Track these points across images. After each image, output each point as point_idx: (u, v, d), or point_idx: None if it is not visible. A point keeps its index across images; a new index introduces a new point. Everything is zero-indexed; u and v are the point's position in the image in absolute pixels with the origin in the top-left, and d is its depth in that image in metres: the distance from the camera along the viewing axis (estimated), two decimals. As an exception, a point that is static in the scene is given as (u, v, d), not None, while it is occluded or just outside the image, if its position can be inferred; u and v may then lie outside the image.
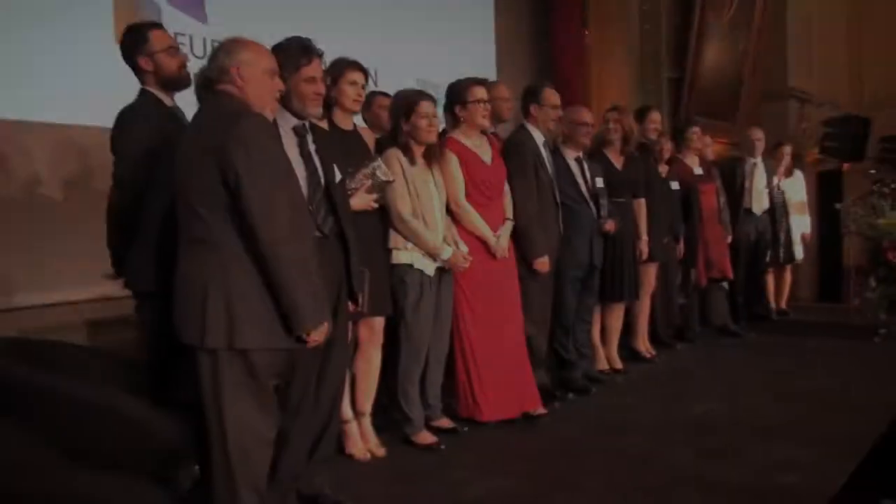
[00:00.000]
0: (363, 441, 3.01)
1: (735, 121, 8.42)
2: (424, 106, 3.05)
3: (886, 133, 7.96)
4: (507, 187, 3.45)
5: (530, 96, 3.67)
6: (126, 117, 2.54)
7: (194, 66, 4.58)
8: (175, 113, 2.63)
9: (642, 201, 4.41)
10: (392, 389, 3.18)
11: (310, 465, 2.43)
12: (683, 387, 4.01)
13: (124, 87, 2.65)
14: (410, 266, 3.04)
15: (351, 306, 2.53)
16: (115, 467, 1.72)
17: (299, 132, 2.35)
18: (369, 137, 3.14)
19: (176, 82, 2.60)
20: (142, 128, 2.48)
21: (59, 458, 1.62)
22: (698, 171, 5.11)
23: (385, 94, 4.02)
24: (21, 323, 3.33)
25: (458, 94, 3.30)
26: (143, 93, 2.60)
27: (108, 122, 4.01)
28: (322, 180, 2.35)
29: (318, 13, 5.04)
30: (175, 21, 4.48)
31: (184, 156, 2.00)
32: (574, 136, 3.89)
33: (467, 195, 3.26)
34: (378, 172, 2.84)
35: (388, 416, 3.25)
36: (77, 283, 3.94)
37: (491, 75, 6.71)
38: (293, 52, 2.34)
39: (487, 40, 6.81)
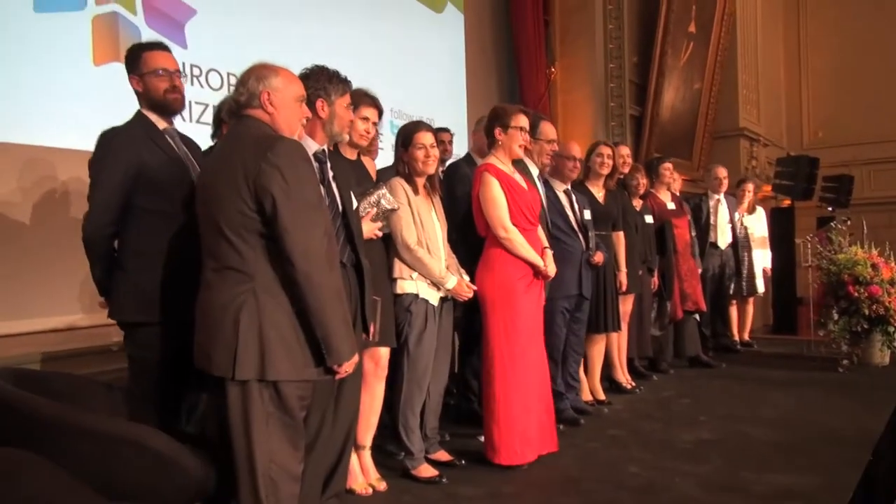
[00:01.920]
0: (364, 475, 2.93)
1: (691, 158, 8.76)
2: (421, 137, 3.06)
3: (826, 173, 8.41)
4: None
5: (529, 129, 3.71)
6: (107, 139, 2.44)
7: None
8: (170, 136, 2.55)
9: (621, 234, 4.51)
10: (392, 422, 3.12)
11: (322, 501, 2.35)
12: (669, 417, 4.06)
13: (103, 110, 2.59)
14: (416, 296, 3.01)
15: (363, 336, 2.48)
16: (142, 501, 1.62)
17: (319, 158, 2.33)
18: (371, 167, 3.13)
19: (163, 106, 2.52)
20: (118, 155, 2.39)
21: (87, 491, 1.51)
22: (671, 205, 5.27)
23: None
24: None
25: (500, 117, 3.26)
26: (136, 114, 2.54)
27: (85, 144, 3.91)
28: (340, 208, 2.32)
29: (293, 41, 5.05)
30: (154, 45, 4.40)
31: (211, 181, 1.94)
32: (562, 170, 3.96)
33: (511, 220, 3.18)
34: (383, 201, 2.82)
35: (382, 448, 3.19)
36: (50, 313, 3.78)
37: (461, 109, 6.86)
38: (337, 79, 2.38)
39: (458, 75, 6.92)
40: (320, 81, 2.36)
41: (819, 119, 10.94)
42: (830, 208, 8.17)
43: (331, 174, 2.38)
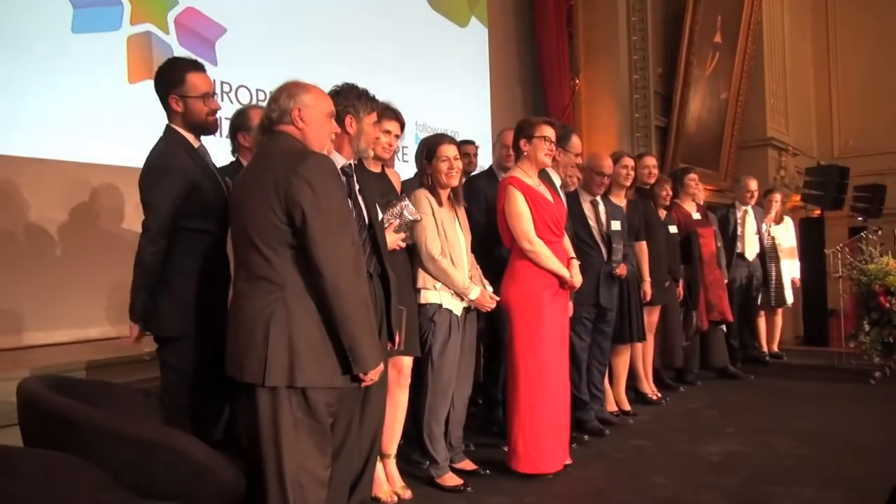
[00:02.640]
0: (389, 483, 2.97)
1: (717, 168, 8.71)
2: (444, 149, 3.11)
3: (857, 182, 8.30)
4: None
5: (557, 141, 3.72)
6: (157, 164, 2.43)
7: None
8: (203, 154, 2.59)
9: (643, 244, 4.51)
10: (416, 431, 3.15)
11: (349, 508, 2.39)
12: (695, 428, 4.04)
13: (137, 127, 2.65)
14: (439, 306, 3.05)
15: (388, 345, 2.53)
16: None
17: (346, 172, 2.39)
18: (395, 179, 3.19)
19: (202, 128, 2.56)
20: (173, 179, 2.40)
21: (125, 493, 1.57)
22: (696, 215, 5.25)
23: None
24: (30, 362, 3.28)
25: (524, 129, 3.28)
26: (169, 130, 2.54)
27: (120, 160, 4.03)
28: (367, 220, 2.38)
29: (320, 57, 5.15)
30: (187, 63, 4.54)
31: (244, 194, 2.01)
32: (590, 185, 3.98)
33: (536, 233, 3.20)
34: (406, 212, 2.87)
35: (408, 457, 3.23)
36: (84, 323, 3.90)
37: (486, 122, 6.91)
38: (366, 97, 2.45)
39: (483, 88, 6.99)
40: (350, 98, 2.43)
41: (850, 127, 10.80)
42: (862, 218, 8.04)
43: (357, 187, 2.44)
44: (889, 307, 5.09)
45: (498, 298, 3.19)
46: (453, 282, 3.05)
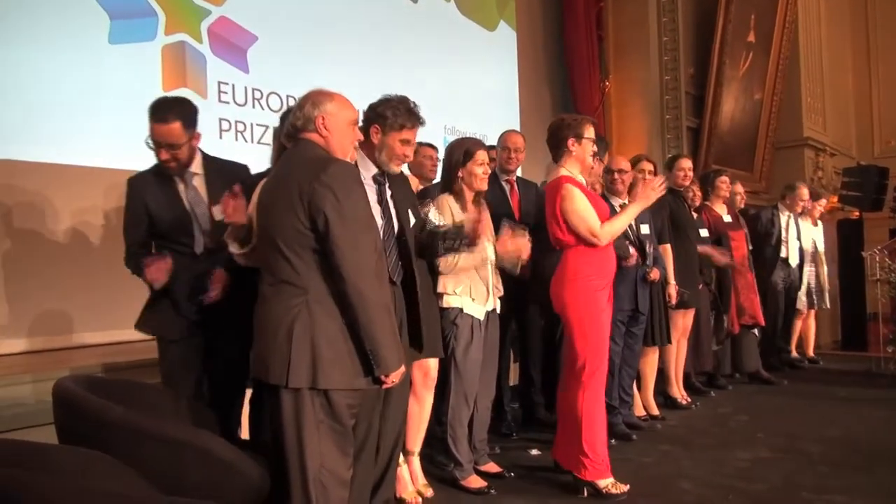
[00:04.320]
0: (413, 481, 3.00)
1: (752, 169, 8.57)
2: (481, 154, 3.12)
3: (898, 183, 8.10)
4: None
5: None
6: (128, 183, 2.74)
7: (235, 114, 4.82)
8: (183, 181, 2.67)
9: (668, 247, 4.45)
10: (440, 432, 3.18)
11: (372, 508, 2.43)
12: (725, 434, 3.99)
13: None
14: (461, 310, 3.07)
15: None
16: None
17: (378, 180, 2.43)
18: (414, 183, 3.21)
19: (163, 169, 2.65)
20: (132, 200, 2.69)
21: (152, 490, 1.63)
22: (727, 218, 5.18)
23: (430, 145, 4.13)
24: (68, 363, 3.39)
25: (573, 127, 3.14)
26: None
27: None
28: (396, 228, 2.41)
29: (350, 64, 5.22)
30: (219, 70, 4.65)
31: (269, 200, 2.06)
32: (611, 186, 3.97)
33: None
34: (431, 216, 2.90)
35: (433, 459, 3.26)
36: (121, 325, 4.01)
37: (514, 124, 6.91)
38: (401, 112, 2.46)
39: (511, 91, 7.00)
40: (382, 109, 2.46)
41: (891, 126, 10.53)
42: (902, 219, 7.86)
43: (388, 193, 2.48)
44: (928, 311, 4.96)
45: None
46: (473, 260, 3.02)
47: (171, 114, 2.53)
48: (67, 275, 3.87)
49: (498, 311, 3.21)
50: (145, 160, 2.74)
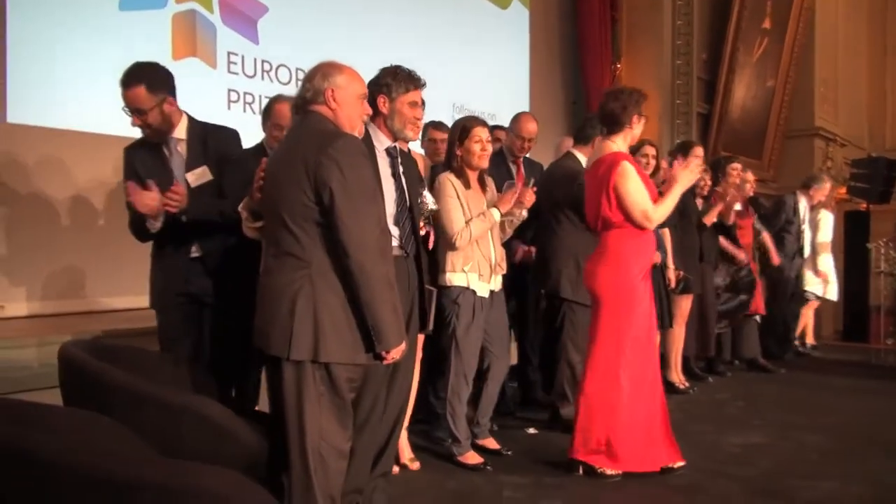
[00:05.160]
0: (399, 454, 3.05)
1: (761, 157, 8.52)
2: (478, 131, 3.10)
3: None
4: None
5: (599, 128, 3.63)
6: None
7: (244, 85, 4.80)
8: (168, 146, 2.68)
9: (667, 231, 4.44)
10: (440, 408, 3.23)
11: (370, 480, 2.47)
12: (719, 419, 4.02)
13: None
14: (464, 288, 3.09)
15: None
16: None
17: (391, 153, 2.44)
18: (420, 161, 3.22)
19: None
20: (126, 166, 2.70)
21: (153, 452, 1.67)
22: (736, 206, 5.17)
23: (441, 126, 4.11)
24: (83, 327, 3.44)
25: (638, 103, 3.00)
26: None
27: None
28: (408, 201, 2.43)
29: (360, 38, 5.20)
30: (229, 41, 4.64)
31: (275, 172, 2.06)
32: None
33: None
34: (427, 200, 2.91)
35: (430, 434, 3.30)
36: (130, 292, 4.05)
37: (524, 105, 6.88)
38: (402, 77, 2.47)
39: (522, 71, 6.96)
40: (384, 79, 2.47)
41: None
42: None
43: (401, 168, 2.49)
44: (931, 305, 4.97)
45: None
46: (484, 226, 3.05)
47: (134, 78, 2.51)
48: (73, 241, 3.91)
49: (499, 289, 3.22)
50: None
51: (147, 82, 2.52)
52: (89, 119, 3.96)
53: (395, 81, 2.46)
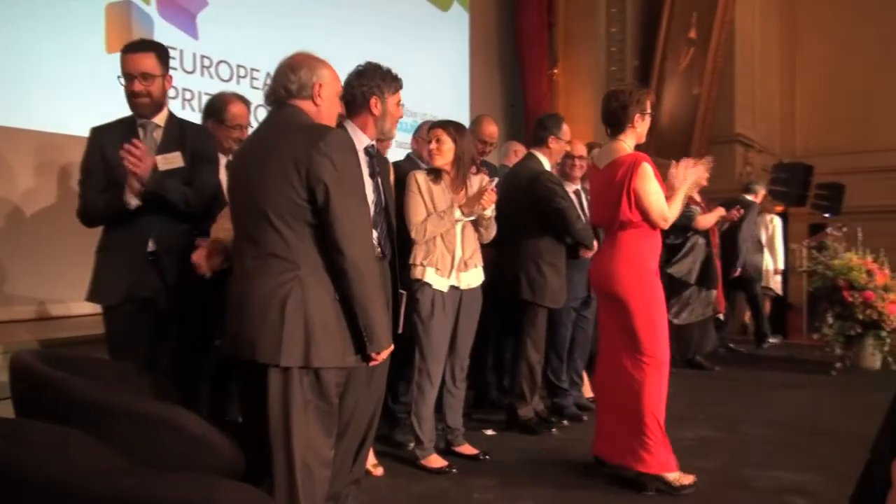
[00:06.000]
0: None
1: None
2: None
3: (817, 181, 8.54)
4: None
5: (552, 128, 3.70)
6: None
7: (182, 81, 4.60)
8: (146, 130, 2.59)
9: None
10: (400, 412, 3.17)
11: (344, 487, 2.39)
12: (669, 415, 4.10)
13: (114, 98, 2.61)
14: (423, 282, 3.03)
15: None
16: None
17: (370, 153, 2.38)
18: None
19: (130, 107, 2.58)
20: (90, 148, 2.59)
21: (127, 464, 1.54)
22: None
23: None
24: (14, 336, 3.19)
25: (641, 102, 2.99)
26: None
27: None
28: (384, 202, 2.37)
29: (301, 35, 5.06)
30: (167, 35, 4.42)
31: (252, 167, 1.95)
32: (568, 171, 4.00)
33: None
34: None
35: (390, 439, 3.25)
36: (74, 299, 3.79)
37: (464, 107, 6.91)
38: (390, 78, 2.44)
39: (462, 73, 6.98)
40: (374, 79, 2.42)
41: (812, 127, 11.09)
42: (828, 215, 8.28)
43: (378, 169, 2.44)
44: (852, 301, 5.27)
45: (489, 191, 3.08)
46: (441, 224, 3.00)
47: (147, 45, 2.54)
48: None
49: (474, 286, 3.18)
50: (86, 124, 2.60)
51: (157, 52, 2.53)
52: (14, 115, 3.69)
53: (384, 82, 2.43)
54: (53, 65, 3.83)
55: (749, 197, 6.26)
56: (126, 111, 2.59)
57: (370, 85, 2.40)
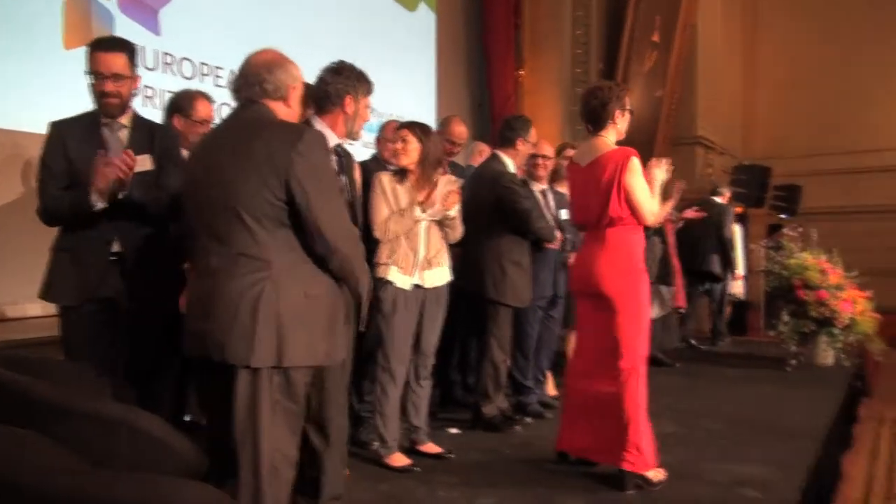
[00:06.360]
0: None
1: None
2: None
3: (775, 183, 8.78)
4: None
5: (520, 130, 3.73)
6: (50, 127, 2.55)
7: (143, 78, 4.54)
8: (112, 129, 2.55)
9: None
10: (363, 411, 3.17)
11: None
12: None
13: (72, 96, 2.61)
14: (386, 281, 3.03)
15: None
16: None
17: (338, 152, 2.39)
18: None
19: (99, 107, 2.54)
20: (49, 144, 2.52)
21: (86, 467, 1.53)
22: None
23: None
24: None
25: (620, 98, 2.98)
26: None
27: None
28: (352, 199, 2.39)
29: (266, 33, 5.02)
30: (128, 31, 4.35)
31: (220, 165, 1.92)
32: (532, 170, 4.05)
33: None
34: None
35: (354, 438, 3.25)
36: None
37: (430, 108, 6.93)
38: (364, 79, 2.45)
39: (429, 74, 6.99)
40: (350, 79, 2.42)
41: (771, 130, 11.37)
42: (785, 216, 8.51)
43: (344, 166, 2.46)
44: (806, 299, 5.44)
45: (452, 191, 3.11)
46: (401, 222, 3.01)
47: (119, 44, 2.52)
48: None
49: (439, 285, 3.19)
50: (43, 123, 2.56)
51: (129, 53, 2.51)
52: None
53: (359, 83, 2.43)
54: (6, 60, 3.73)
55: (717, 199, 6.41)
56: (84, 107, 2.56)
57: (346, 83, 2.40)
